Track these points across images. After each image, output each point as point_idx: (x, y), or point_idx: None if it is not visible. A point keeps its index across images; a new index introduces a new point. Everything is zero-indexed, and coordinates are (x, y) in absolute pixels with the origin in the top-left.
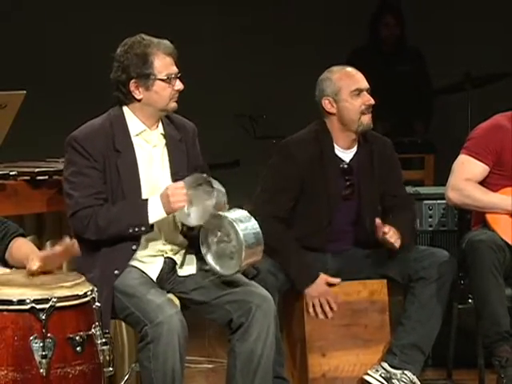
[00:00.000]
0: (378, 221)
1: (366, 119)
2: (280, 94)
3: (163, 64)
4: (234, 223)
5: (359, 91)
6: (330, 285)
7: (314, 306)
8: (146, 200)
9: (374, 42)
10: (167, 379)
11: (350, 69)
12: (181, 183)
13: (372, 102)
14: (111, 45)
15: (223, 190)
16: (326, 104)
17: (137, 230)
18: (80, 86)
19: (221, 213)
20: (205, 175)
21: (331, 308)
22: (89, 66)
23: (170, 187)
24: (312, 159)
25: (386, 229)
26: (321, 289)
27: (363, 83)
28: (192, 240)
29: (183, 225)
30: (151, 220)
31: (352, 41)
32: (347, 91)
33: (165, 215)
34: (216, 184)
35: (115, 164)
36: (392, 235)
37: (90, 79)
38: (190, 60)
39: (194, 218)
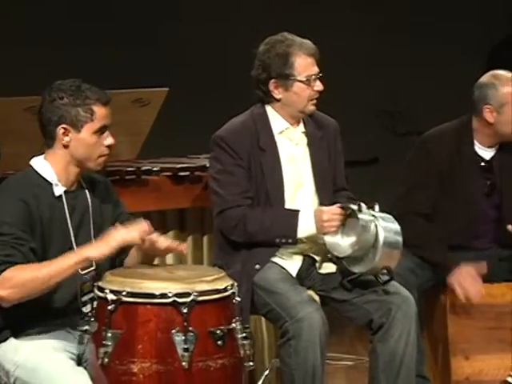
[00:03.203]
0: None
1: None
2: (419, 90)
3: (304, 65)
4: (376, 219)
5: None
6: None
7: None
8: (297, 212)
9: None
10: (308, 375)
11: None
12: (338, 210)
13: None
14: (248, 43)
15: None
16: (486, 112)
17: (284, 241)
18: (219, 84)
19: (364, 209)
20: (356, 207)
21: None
22: (227, 65)
23: (326, 212)
24: (450, 154)
25: None
26: (466, 273)
27: None
28: None
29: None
30: (300, 234)
31: (487, 38)
32: None
33: (314, 233)
34: (366, 215)
35: (259, 162)
36: None
37: (228, 78)
38: (329, 57)
39: (342, 246)
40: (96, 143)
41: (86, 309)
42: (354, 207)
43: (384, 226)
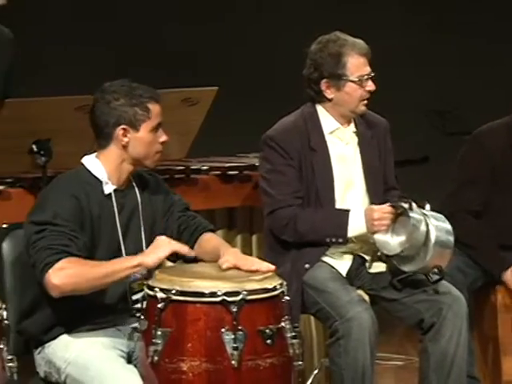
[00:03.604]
0: None
1: None
2: (469, 90)
3: (356, 65)
4: (427, 218)
5: None
6: None
7: None
8: (347, 212)
9: None
10: (357, 375)
11: None
12: (389, 208)
13: None
14: (299, 42)
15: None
16: None
17: (334, 240)
18: (269, 83)
19: (415, 208)
20: (407, 205)
21: None
22: (277, 64)
23: (377, 210)
24: (503, 149)
25: None
26: None
27: None
28: None
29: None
30: (350, 234)
31: None
32: None
33: (365, 232)
34: (417, 214)
35: (310, 162)
36: None
37: (278, 77)
38: (378, 57)
39: (392, 244)
40: (153, 141)
41: (137, 307)
42: (405, 206)
43: (435, 225)
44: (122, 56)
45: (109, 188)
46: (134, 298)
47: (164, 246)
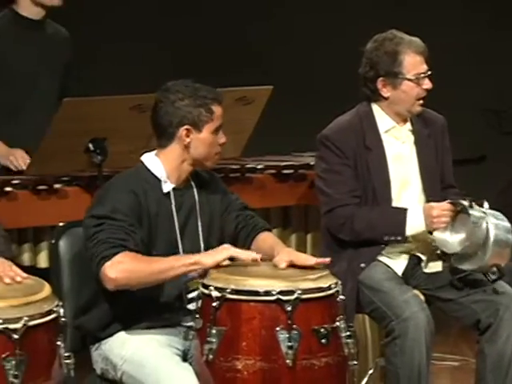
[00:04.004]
0: None
1: None
2: None
3: (413, 63)
4: (487, 216)
5: None
6: None
7: None
8: (405, 210)
9: None
10: (413, 375)
11: None
12: (448, 205)
13: None
14: (354, 41)
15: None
16: None
17: (392, 238)
18: (324, 81)
19: (474, 206)
20: (467, 203)
21: None
22: (332, 62)
23: (436, 207)
24: None
25: None
26: None
27: None
28: None
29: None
30: (408, 232)
31: None
32: None
33: (423, 229)
34: (476, 212)
35: (366, 161)
36: None
37: (333, 76)
38: (436, 55)
39: (451, 242)
40: (213, 142)
41: (192, 306)
42: (465, 203)
43: (495, 224)
44: (177, 55)
45: (167, 187)
46: (190, 296)
47: (225, 250)
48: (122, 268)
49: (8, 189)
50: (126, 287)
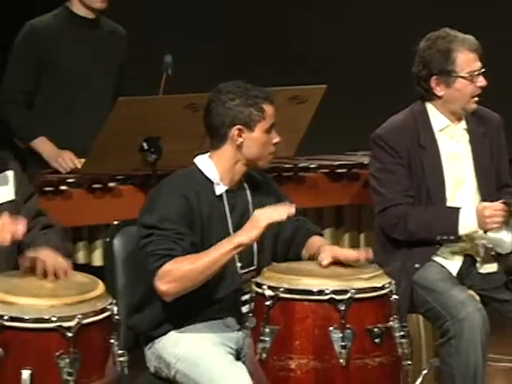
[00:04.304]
0: None
1: None
2: None
3: (466, 61)
4: None
5: None
6: None
7: None
8: (458, 209)
9: None
10: (469, 375)
11: None
12: (501, 205)
13: None
14: (407, 40)
15: None
16: None
17: (445, 238)
18: (377, 81)
19: None
20: None
21: None
22: (385, 61)
23: (489, 207)
24: None
25: None
26: None
27: None
28: None
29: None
30: (461, 231)
31: None
32: None
33: (476, 229)
34: None
35: (420, 160)
36: None
37: (387, 74)
38: (491, 52)
39: (506, 242)
40: (266, 141)
41: (245, 307)
42: None
43: None
44: (229, 55)
45: (220, 189)
46: (243, 298)
47: (258, 221)
48: (171, 278)
49: (63, 187)
50: (180, 294)
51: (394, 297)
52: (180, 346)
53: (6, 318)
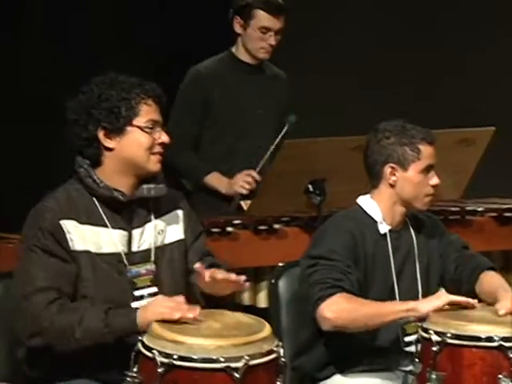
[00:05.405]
0: None
1: None
2: None
3: None
4: None
5: None
6: None
7: None
8: None
9: None
10: None
11: None
12: None
13: None
14: None
15: None
16: None
17: None
18: None
19: None
20: None
21: None
22: None
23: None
24: None
25: None
26: None
27: None
28: None
29: None
30: None
31: None
32: None
33: None
34: None
35: None
36: None
37: None
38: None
39: None
40: (422, 182)
41: (410, 350)
42: None
43: None
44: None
45: (384, 228)
46: (407, 339)
47: (443, 296)
48: (338, 308)
49: (230, 229)
50: (341, 328)
51: None
52: None
53: (175, 357)
